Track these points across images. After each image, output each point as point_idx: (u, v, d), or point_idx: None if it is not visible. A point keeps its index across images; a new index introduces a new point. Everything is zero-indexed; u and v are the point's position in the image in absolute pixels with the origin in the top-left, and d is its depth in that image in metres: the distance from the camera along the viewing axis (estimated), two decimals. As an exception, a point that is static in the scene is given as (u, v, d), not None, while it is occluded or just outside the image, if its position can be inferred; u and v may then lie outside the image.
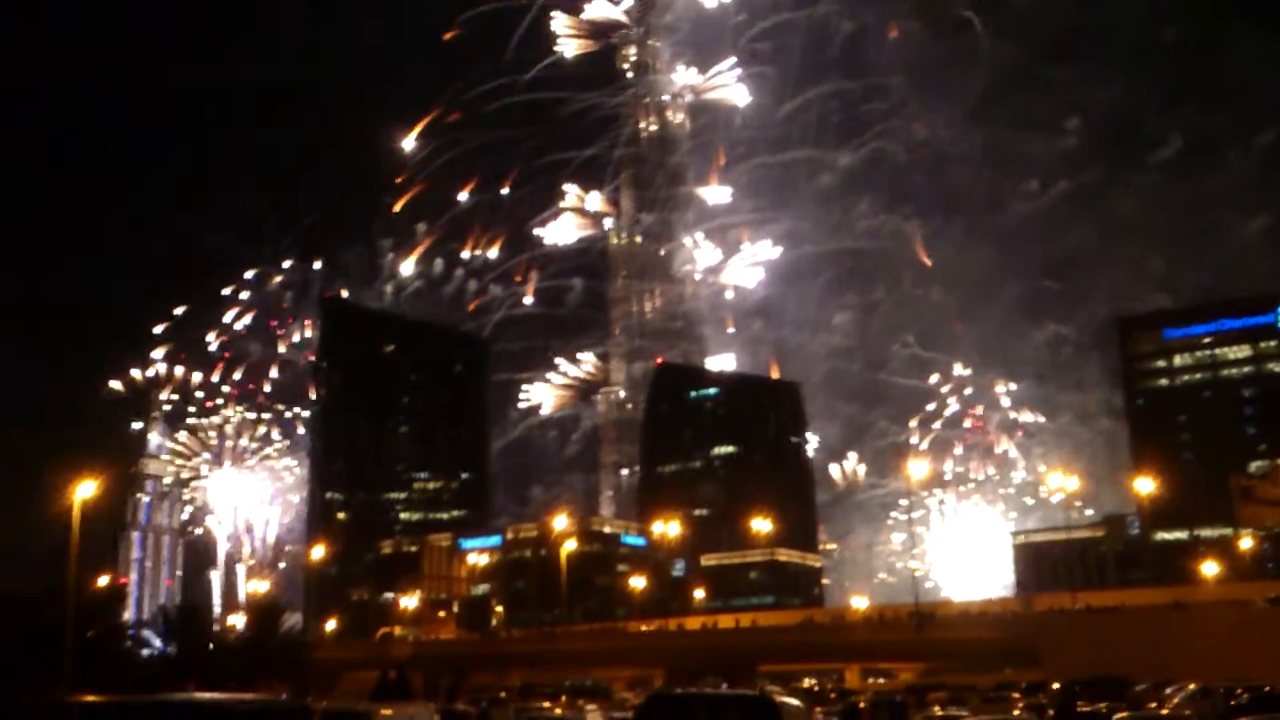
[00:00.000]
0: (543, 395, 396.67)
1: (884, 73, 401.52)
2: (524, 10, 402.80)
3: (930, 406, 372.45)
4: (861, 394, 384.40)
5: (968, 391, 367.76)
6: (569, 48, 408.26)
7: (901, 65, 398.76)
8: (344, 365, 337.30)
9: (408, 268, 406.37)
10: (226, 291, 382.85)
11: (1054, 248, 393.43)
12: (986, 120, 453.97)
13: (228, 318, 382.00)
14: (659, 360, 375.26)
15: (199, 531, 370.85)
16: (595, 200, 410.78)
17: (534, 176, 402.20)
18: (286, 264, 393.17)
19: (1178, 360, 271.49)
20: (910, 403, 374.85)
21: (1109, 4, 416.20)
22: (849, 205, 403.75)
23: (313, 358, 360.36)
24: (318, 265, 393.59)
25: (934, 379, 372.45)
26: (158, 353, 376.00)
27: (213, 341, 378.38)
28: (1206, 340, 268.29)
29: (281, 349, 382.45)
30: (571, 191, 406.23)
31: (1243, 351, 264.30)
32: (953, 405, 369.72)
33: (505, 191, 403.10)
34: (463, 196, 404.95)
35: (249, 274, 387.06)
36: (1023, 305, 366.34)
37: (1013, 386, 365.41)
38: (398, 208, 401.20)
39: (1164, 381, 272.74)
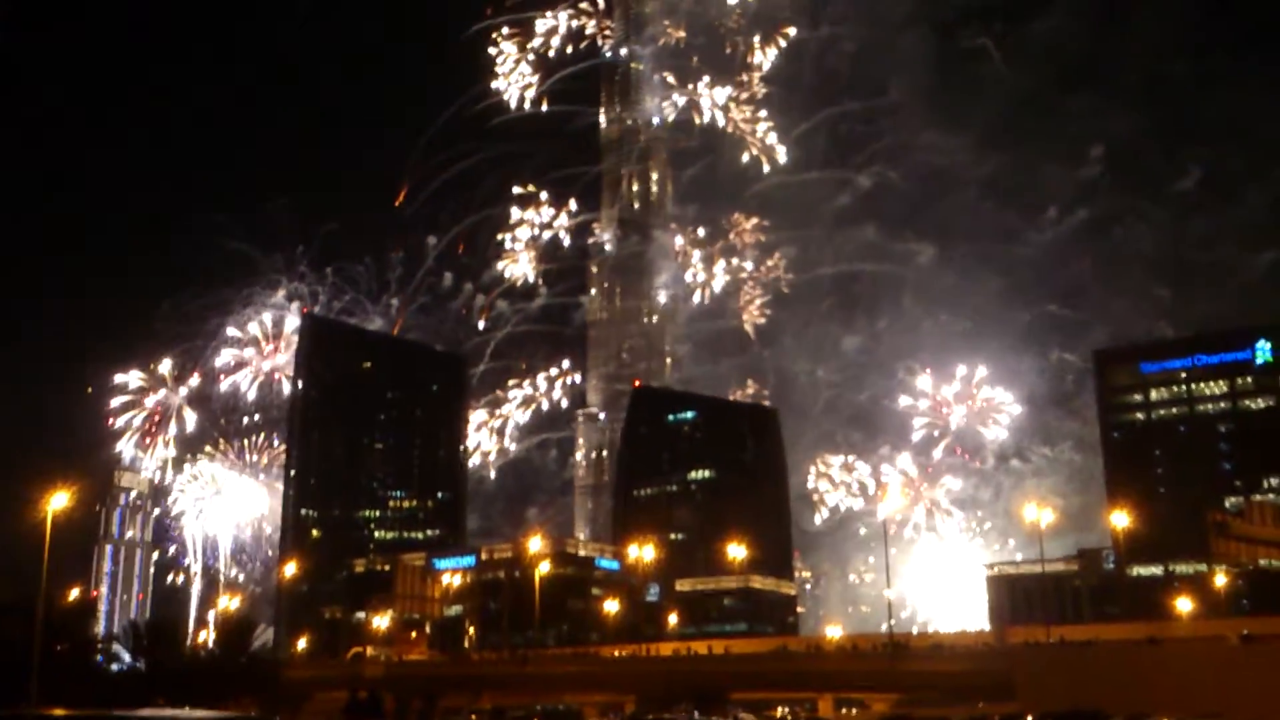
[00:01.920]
0: (485, 443, 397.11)
1: (894, 97, 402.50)
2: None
3: (932, 433, 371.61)
4: (863, 420, 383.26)
5: (967, 418, 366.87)
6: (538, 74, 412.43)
7: (913, 90, 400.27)
8: (321, 381, 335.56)
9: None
10: (225, 299, 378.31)
11: (1063, 276, 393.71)
12: (998, 148, 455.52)
13: (227, 329, 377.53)
14: (636, 382, 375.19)
15: (172, 546, 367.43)
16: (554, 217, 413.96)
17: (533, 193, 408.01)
18: (287, 276, 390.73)
19: (1154, 394, 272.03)
20: (911, 429, 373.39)
21: (1124, 37, 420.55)
22: (856, 229, 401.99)
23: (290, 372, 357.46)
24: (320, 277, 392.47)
25: (934, 405, 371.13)
26: (144, 361, 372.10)
27: (206, 350, 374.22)
28: (1183, 375, 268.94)
29: (275, 361, 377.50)
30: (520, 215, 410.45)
31: (1219, 387, 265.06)
32: (951, 432, 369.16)
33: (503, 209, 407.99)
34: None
35: (254, 286, 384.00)
36: (1029, 332, 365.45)
37: (1013, 412, 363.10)
38: (397, 252, 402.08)
39: (1140, 416, 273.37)
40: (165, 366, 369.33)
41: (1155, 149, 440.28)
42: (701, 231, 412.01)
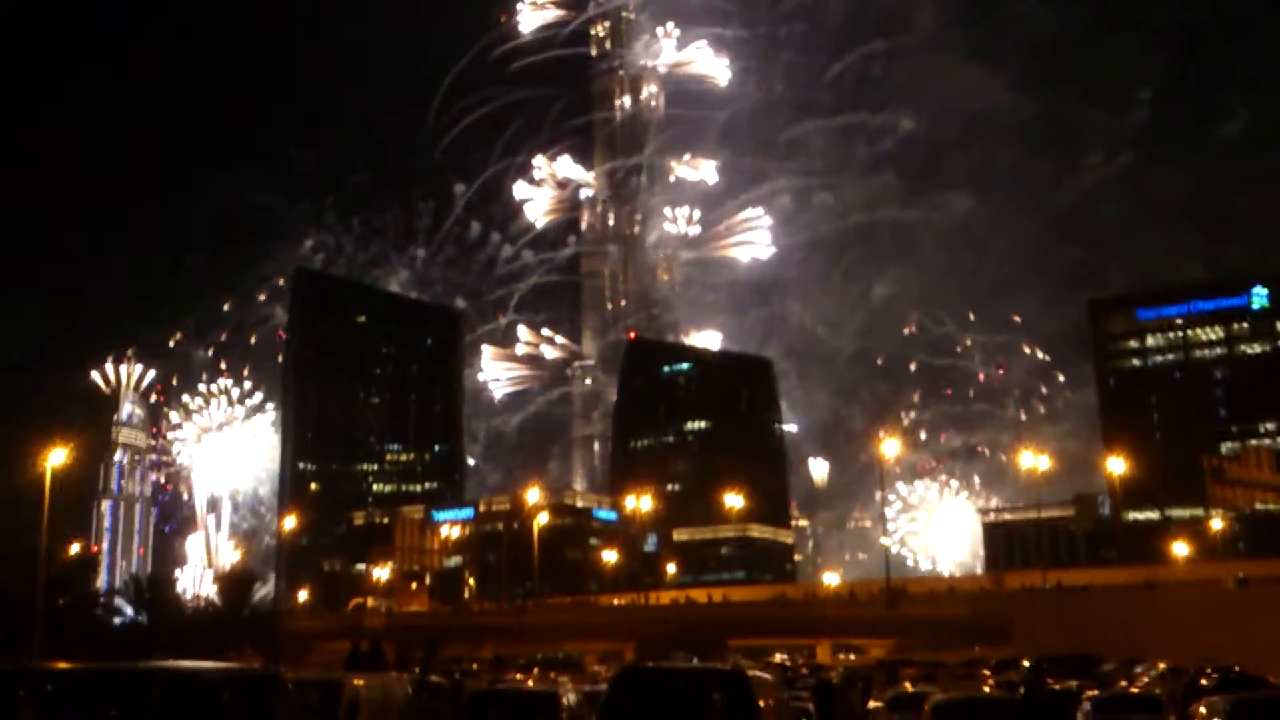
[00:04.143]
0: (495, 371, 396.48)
1: (927, 35, 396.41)
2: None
3: (952, 381, 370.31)
4: (887, 371, 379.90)
5: (990, 364, 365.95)
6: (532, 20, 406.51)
7: (946, 30, 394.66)
8: (316, 335, 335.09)
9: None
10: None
11: (1099, 221, 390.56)
12: (1033, 91, 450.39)
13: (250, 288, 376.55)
14: (631, 334, 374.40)
15: (173, 499, 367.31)
16: (570, 170, 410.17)
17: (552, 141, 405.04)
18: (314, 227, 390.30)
19: (1150, 341, 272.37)
20: (931, 378, 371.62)
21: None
22: (885, 175, 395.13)
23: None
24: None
25: (957, 352, 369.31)
26: (154, 316, 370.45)
27: (225, 306, 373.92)
28: (1179, 321, 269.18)
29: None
30: (542, 166, 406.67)
31: (1215, 333, 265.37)
32: (976, 379, 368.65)
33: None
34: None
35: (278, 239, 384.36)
36: (1062, 278, 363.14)
37: (1033, 356, 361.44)
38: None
39: (1136, 362, 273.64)
40: (180, 325, 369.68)
41: (1198, 93, 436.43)
42: (718, 180, 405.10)
